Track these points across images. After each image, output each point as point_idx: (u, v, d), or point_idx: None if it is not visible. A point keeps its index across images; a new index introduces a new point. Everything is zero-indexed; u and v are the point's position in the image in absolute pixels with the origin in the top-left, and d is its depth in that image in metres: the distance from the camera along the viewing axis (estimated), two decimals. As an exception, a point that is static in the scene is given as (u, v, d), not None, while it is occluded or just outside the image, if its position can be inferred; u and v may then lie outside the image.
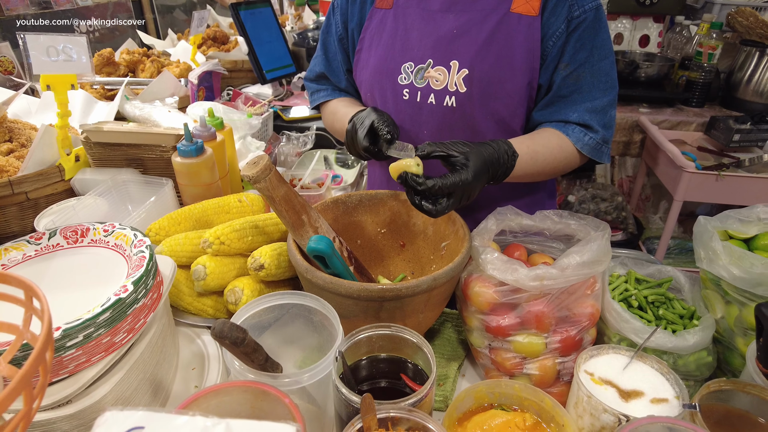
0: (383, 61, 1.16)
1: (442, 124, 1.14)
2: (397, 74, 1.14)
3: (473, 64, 1.07)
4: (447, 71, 1.09)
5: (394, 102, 1.17)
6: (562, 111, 1.10)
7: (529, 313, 0.87)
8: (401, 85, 1.14)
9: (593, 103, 1.08)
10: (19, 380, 0.36)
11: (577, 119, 1.09)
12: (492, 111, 1.10)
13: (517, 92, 1.08)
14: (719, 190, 2.09)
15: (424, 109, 1.14)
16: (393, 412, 0.65)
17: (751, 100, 2.55)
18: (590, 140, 1.10)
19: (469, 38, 1.07)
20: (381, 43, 1.16)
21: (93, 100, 1.68)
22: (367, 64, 1.20)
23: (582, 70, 1.06)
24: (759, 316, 0.71)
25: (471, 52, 1.07)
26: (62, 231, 0.88)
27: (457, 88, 1.09)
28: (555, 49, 1.05)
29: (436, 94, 1.11)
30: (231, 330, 0.61)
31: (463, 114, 1.11)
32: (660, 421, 0.62)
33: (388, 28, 1.16)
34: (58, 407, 0.67)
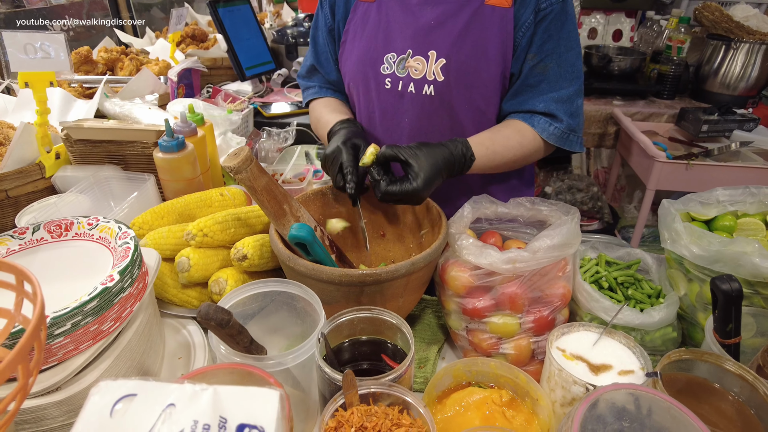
0: (366, 52, 1.19)
1: (422, 112, 1.18)
2: (379, 64, 1.18)
3: (450, 53, 1.11)
4: (425, 61, 1.13)
5: (377, 91, 1.21)
6: (529, 101, 1.14)
7: (504, 294, 0.91)
8: (383, 75, 1.18)
9: (559, 93, 1.12)
10: (18, 352, 0.38)
11: (543, 109, 1.13)
12: (469, 99, 1.15)
13: (492, 81, 1.13)
14: (689, 178, 2.16)
15: (405, 97, 1.18)
16: (374, 388, 0.68)
17: (718, 92, 2.64)
18: (555, 130, 1.14)
19: (445, 29, 1.11)
20: (365, 35, 1.20)
21: (71, 98, 1.67)
22: (351, 55, 1.24)
23: (549, 60, 1.10)
24: (713, 288, 0.75)
25: (447, 42, 1.11)
26: (46, 225, 0.90)
27: (435, 77, 1.13)
28: (524, 40, 1.09)
29: (415, 83, 1.16)
30: (216, 312, 0.63)
31: (442, 102, 1.15)
32: (623, 388, 0.66)
33: (371, 21, 1.19)
34: (47, 394, 0.69)
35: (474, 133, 1.14)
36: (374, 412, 0.67)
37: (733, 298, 0.74)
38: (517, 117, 1.17)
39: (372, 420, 0.65)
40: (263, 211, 0.97)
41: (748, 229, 0.96)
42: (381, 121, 1.25)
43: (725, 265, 0.84)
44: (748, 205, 0.98)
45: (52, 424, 0.70)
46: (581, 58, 1.15)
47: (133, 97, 1.75)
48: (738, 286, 0.74)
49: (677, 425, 0.62)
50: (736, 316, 0.76)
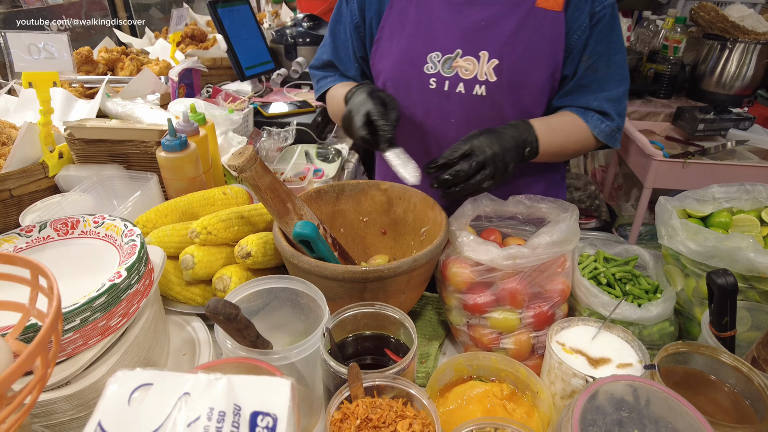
0: (408, 51, 1.18)
1: (471, 113, 1.18)
2: (422, 63, 1.17)
3: (502, 54, 1.12)
4: (476, 61, 1.14)
5: (420, 91, 1.19)
6: (582, 98, 1.19)
7: (504, 290, 0.92)
8: (427, 75, 1.17)
9: (610, 93, 1.17)
10: (38, 343, 0.39)
11: (597, 107, 1.17)
12: (518, 100, 1.16)
13: (541, 82, 1.15)
14: (686, 176, 2.19)
15: (452, 97, 1.17)
16: (378, 381, 0.70)
17: (714, 91, 2.67)
18: (606, 127, 1.18)
19: (497, 29, 1.12)
20: (404, 33, 1.18)
21: (73, 98, 1.68)
22: (389, 54, 1.22)
23: (600, 62, 1.15)
24: (710, 283, 0.77)
25: (499, 43, 1.12)
26: (52, 223, 0.91)
27: (488, 77, 1.14)
28: (580, 43, 1.13)
29: (465, 83, 1.16)
30: (224, 307, 0.65)
31: (492, 103, 1.16)
32: (622, 380, 0.67)
33: (411, 19, 1.18)
34: (57, 388, 0.70)
35: None
36: (379, 404, 0.68)
37: (728, 292, 0.76)
38: (571, 110, 1.20)
39: (377, 412, 0.67)
40: (267, 210, 0.98)
41: (743, 225, 0.98)
42: (424, 121, 1.23)
43: (721, 261, 0.86)
44: (743, 202, 1.00)
45: (62, 417, 0.71)
46: (627, 62, 1.19)
47: (134, 96, 1.76)
48: (733, 280, 0.76)
49: (674, 415, 0.64)
50: (731, 309, 0.78)
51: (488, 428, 0.68)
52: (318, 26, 2.64)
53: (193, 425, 0.38)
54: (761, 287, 0.86)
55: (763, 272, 0.83)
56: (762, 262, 0.82)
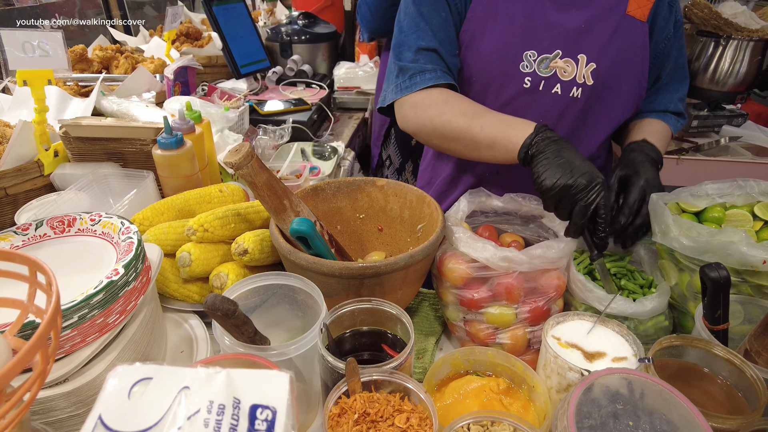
0: (502, 47, 1.14)
1: (562, 114, 1.18)
2: (518, 61, 1.14)
3: (599, 59, 1.14)
4: (575, 64, 1.14)
5: (512, 89, 1.16)
6: (660, 101, 1.30)
7: (500, 285, 0.93)
8: (523, 73, 1.15)
9: (679, 92, 1.31)
10: (38, 338, 0.40)
11: (674, 109, 1.30)
12: (609, 105, 1.19)
13: (630, 89, 1.19)
14: (680, 173, 2.20)
15: (545, 98, 1.16)
16: (376, 376, 0.70)
17: (708, 88, 2.67)
18: (680, 125, 1.33)
19: (595, 34, 1.13)
20: (496, 27, 1.14)
21: (67, 96, 1.68)
22: (479, 48, 1.16)
23: (675, 65, 1.26)
24: (703, 276, 0.78)
25: (597, 48, 1.13)
26: (49, 221, 0.91)
27: (585, 80, 1.15)
28: (666, 50, 1.22)
29: (563, 85, 1.15)
30: (222, 302, 0.65)
31: (586, 105, 1.18)
32: (617, 373, 0.68)
33: (502, 12, 1.13)
34: (55, 385, 0.70)
35: (605, 138, 1.25)
36: (376, 399, 0.69)
37: (721, 286, 0.77)
38: (652, 116, 1.31)
39: (374, 406, 0.67)
40: (264, 207, 0.98)
41: (736, 220, 0.99)
42: None
43: (714, 255, 0.87)
44: (735, 197, 1.01)
45: (60, 415, 0.71)
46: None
47: (129, 95, 1.75)
48: (726, 274, 0.77)
49: (668, 407, 0.65)
50: (724, 303, 0.79)
51: (485, 422, 0.69)
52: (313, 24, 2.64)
53: (193, 418, 0.38)
54: (754, 281, 0.87)
55: (755, 266, 0.84)
56: (754, 255, 0.82)
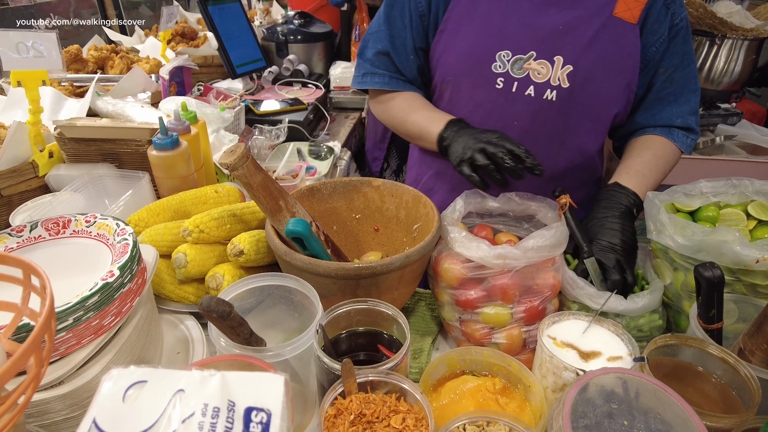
0: (476, 46, 1.13)
1: (536, 117, 1.15)
2: (491, 61, 1.13)
3: (578, 61, 1.10)
4: (550, 65, 1.11)
5: (485, 90, 1.16)
6: (662, 114, 1.20)
7: (495, 286, 0.93)
8: (495, 73, 1.14)
9: (689, 105, 1.19)
10: (31, 342, 0.40)
11: (681, 123, 1.19)
12: (589, 108, 1.15)
13: (615, 92, 1.14)
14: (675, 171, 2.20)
15: (519, 100, 1.14)
16: (372, 376, 0.70)
17: (703, 87, 2.67)
18: (691, 141, 1.21)
19: (574, 35, 1.10)
20: (472, 26, 1.13)
21: (62, 97, 1.67)
22: (453, 47, 1.16)
23: (676, 73, 1.16)
24: (697, 276, 0.78)
25: (576, 50, 1.10)
26: (43, 223, 0.90)
27: (560, 83, 1.12)
28: (657, 55, 1.14)
29: (536, 87, 1.13)
30: (218, 304, 0.65)
31: (561, 109, 1.14)
32: (612, 372, 0.68)
33: (480, 12, 1.13)
34: (51, 388, 0.70)
35: (586, 140, 1.19)
36: (372, 400, 0.69)
37: (715, 285, 0.77)
38: (654, 132, 1.21)
39: (370, 407, 0.67)
40: (259, 208, 0.98)
41: (730, 219, 1.00)
42: (484, 122, 1.19)
43: (708, 254, 0.87)
44: (729, 196, 1.01)
45: (56, 417, 0.71)
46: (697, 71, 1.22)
47: (124, 95, 1.75)
48: (720, 273, 0.77)
49: (663, 406, 0.65)
50: (718, 302, 0.79)
51: (481, 422, 0.69)
52: (309, 23, 2.63)
53: (188, 421, 0.38)
54: (747, 280, 0.88)
55: (748, 265, 0.84)
56: (748, 255, 0.83)
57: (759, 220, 0.98)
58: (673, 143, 1.20)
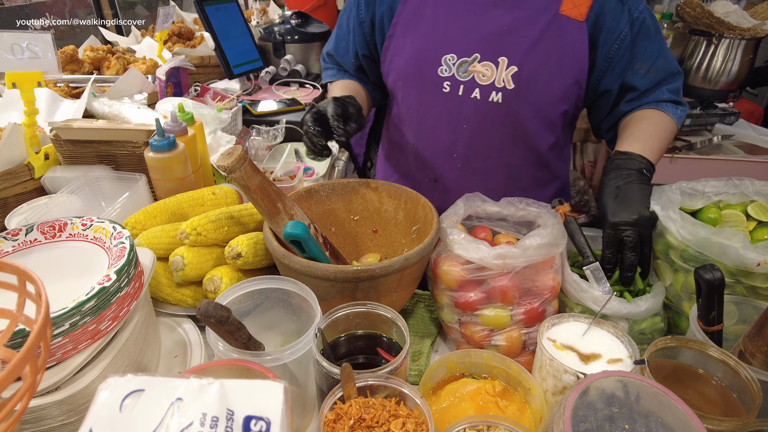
0: (422, 50, 1.14)
1: (484, 119, 1.15)
2: (437, 65, 1.13)
3: (522, 61, 1.09)
4: (495, 67, 1.10)
5: (432, 94, 1.16)
6: (648, 98, 1.18)
7: (495, 288, 0.93)
8: (441, 77, 1.13)
9: (674, 85, 1.17)
10: (26, 351, 0.39)
11: (669, 97, 1.16)
12: (537, 107, 1.13)
13: (562, 91, 1.13)
14: (673, 171, 2.21)
15: (466, 103, 1.14)
16: (371, 381, 0.70)
17: (700, 87, 2.69)
18: (681, 113, 1.17)
19: (519, 35, 1.09)
20: (419, 31, 1.14)
21: (58, 98, 1.66)
22: (401, 52, 1.17)
23: (659, 62, 1.14)
24: (697, 278, 0.78)
25: (521, 50, 1.09)
26: (39, 227, 0.90)
27: (505, 84, 1.11)
28: (621, 52, 1.11)
29: (481, 89, 1.12)
30: (216, 309, 0.64)
31: (509, 110, 1.13)
32: (612, 375, 0.68)
33: (426, 16, 1.14)
34: (47, 394, 0.69)
35: (537, 139, 1.17)
36: (372, 404, 0.68)
37: (715, 287, 0.77)
38: (645, 107, 1.17)
39: (370, 412, 0.67)
40: (257, 210, 0.98)
41: (731, 221, 1.00)
42: (435, 126, 1.20)
43: (710, 252, 0.87)
44: (730, 196, 1.01)
45: (52, 423, 0.70)
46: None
47: (121, 96, 1.74)
48: (720, 276, 0.77)
49: (664, 410, 0.65)
50: (718, 304, 0.79)
51: (481, 426, 0.68)
52: (306, 23, 2.62)
53: (186, 431, 0.38)
54: (748, 282, 0.87)
55: (749, 267, 0.84)
56: (750, 257, 0.83)
57: (759, 221, 0.98)
58: (665, 113, 1.17)
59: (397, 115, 1.28)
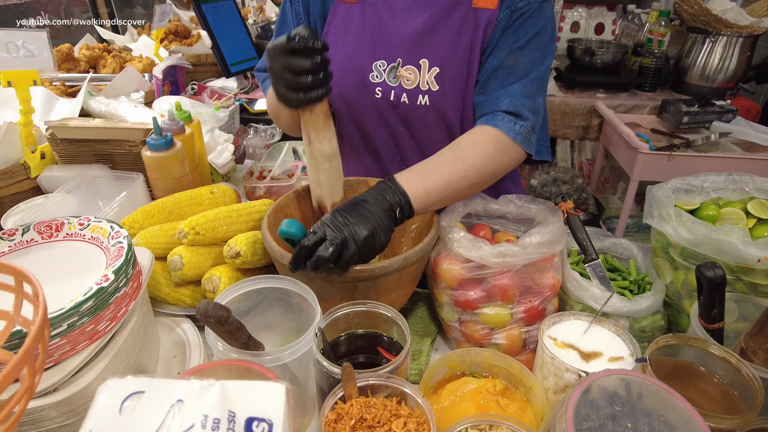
0: (352, 59, 1.13)
1: (418, 122, 1.14)
2: (368, 72, 1.12)
3: (443, 61, 1.07)
4: (417, 70, 1.09)
5: (368, 100, 1.15)
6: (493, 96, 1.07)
7: (495, 286, 0.92)
8: (373, 83, 1.13)
9: (525, 88, 1.05)
10: (24, 353, 0.38)
11: (507, 107, 1.04)
12: (464, 105, 1.12)
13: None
14: (672, 169, 2.21)
15: (399, 107, 1.13)
16: (372, 380, 0.69)
17: (698, 84, 2.69)
18: (521, 128, 1.03)
19: (436, 36, 1.07)
20: (348, 39, 1.14)
21: (54, 96, 1.65)
22: (334, 61, 1.15)
23: (521, 53, 1.04)
24: (698, 275, 0.78)
25: (440, 51, 1.07)
26: (36, 226, 0.89)
27: (430, 86, 1.09)
28: (495, 36, 1.05)
29: (408, 94, 1.11)
30: (215, 309, 0.64)
31: (437, 112, 1.12)
32: (614, 374, 0.68)
33: (354, 24, 1.13)
34: (45, 395, 0.68)
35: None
36: (373, 404, 0.68)
37: (716, 285, 0.77)
38: (479, 123, 1.06)
39: (371, 411, 0.66)
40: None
41: (730, 218, 0.99)
42: (376, 134, 1.19)
43: (710, 249, 0.87)
44: (730, 192, 1.01)
45: (50, 425, 0.69)
46: (550, 64, 1.09)
47: (117, 95, 1.73)
48: (722, 273, 0.77)
49: (666, 407, 0.65)
50: (720, 301, 0.79)
51: (483, 425, 0.68)
52: (303, 21, 2.61)
53: (187, 433, 0.37)
54: (748, 279, 0.87)
55: (749, 263, 0.84)
56: (750, 253, 0.83)
57: (758, 218, 0.98)
58: (494, 128, 1.03)
59: (342, 125, 1.26)
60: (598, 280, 0.95)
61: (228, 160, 1.51)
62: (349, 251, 0.82)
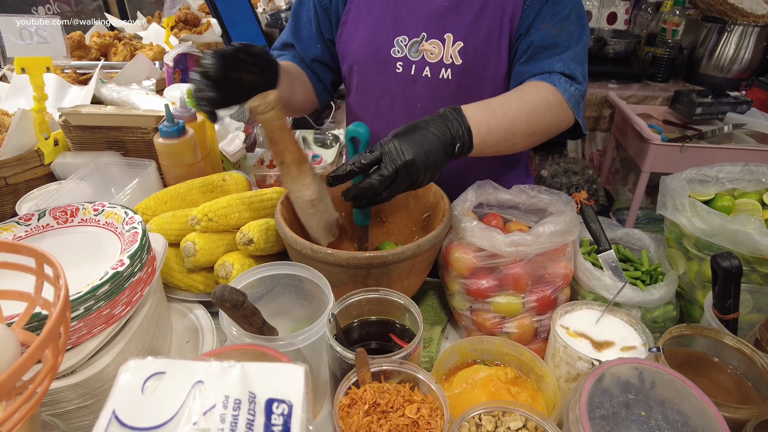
0: (374, 34, 1.16)
1: (437, 97, 1.16)
2: (389, 47, 1.15)
3: (467, 36, 1.10)
4: (442, 44, 1.11)
5: (386, 76, 1.18)
6: (546, 62, 1.07)
7: (507, 275, 0.92)
8: (394, 58, 1.15)
9: (576, 54, 1.07)
10: (48, 333, 0.39)
11: (562, 69, 1.05)
12: (484, 82, 1.14)
13: (504, 60, 1.12)
14: (683, 160, 2.19)
15: (418, 82, 1.15)
16: (385, 366, 0.70)
17: (712, 75, 2.66)
18: (576, 91, 1.05)
19: (461, 11, 1.10)
20: (370, 16, 1.16)
21: (66, 84, 1.65)
22: (355, 37, 1.19)
23: (564, 24, 1.06)
24: (714, 265, 0.77)
25: (464, 25, 1.09)
26: (51, 212, 0.90)
27: (453, 60, 1.12)
28: (532, 9, 1.07)
29: (431, 67, 1.14)
30: (231, 293, 0.64)
31: (459, 86, 1.14)
32: (628, 362, 0.68)
33: (377, 1, 1.16)
34: (63, 377, 0.70)
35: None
36: (386, 389, 0.68)
37: (732, 275, 0.76)
38: (534, 79, 1.07)
39: (384, 397, 0.67)
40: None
41: (745, 209, 0.98)
42: (391, 107, 1.22)
43: (724, 240, 0.86)
44: (746, 183, 1.00)
45: (68, 406, 0.71)
46: (588, 38, 1.12)
47: (128, 82, 1.73)
48: (738, 263, 0.76)
49: (679, 396, 0.64)
50: (735, 292, 0.78)
51: (496, 412, 0.68)
52: (313, 10, 2.60)
53: (209, 413, 0.38)
54: (763, 270, 0.87)
55: (765, 254, 0.83)
56: (766, 244, 0.82)
57: (774, 209, 0.97)
58: (551, 85, 1.04)
59: (353, 102, 1.30)
60: (611, 271, 0.95)
61: (239, 148, 1.51)
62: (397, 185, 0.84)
